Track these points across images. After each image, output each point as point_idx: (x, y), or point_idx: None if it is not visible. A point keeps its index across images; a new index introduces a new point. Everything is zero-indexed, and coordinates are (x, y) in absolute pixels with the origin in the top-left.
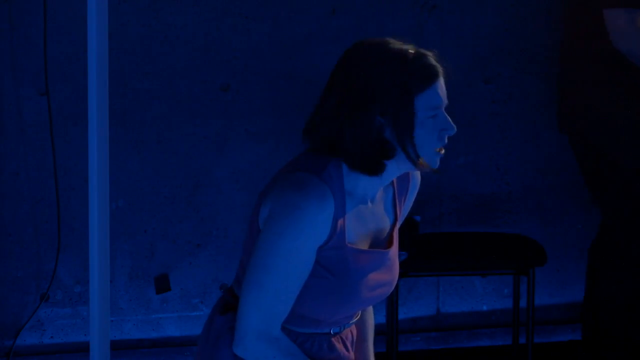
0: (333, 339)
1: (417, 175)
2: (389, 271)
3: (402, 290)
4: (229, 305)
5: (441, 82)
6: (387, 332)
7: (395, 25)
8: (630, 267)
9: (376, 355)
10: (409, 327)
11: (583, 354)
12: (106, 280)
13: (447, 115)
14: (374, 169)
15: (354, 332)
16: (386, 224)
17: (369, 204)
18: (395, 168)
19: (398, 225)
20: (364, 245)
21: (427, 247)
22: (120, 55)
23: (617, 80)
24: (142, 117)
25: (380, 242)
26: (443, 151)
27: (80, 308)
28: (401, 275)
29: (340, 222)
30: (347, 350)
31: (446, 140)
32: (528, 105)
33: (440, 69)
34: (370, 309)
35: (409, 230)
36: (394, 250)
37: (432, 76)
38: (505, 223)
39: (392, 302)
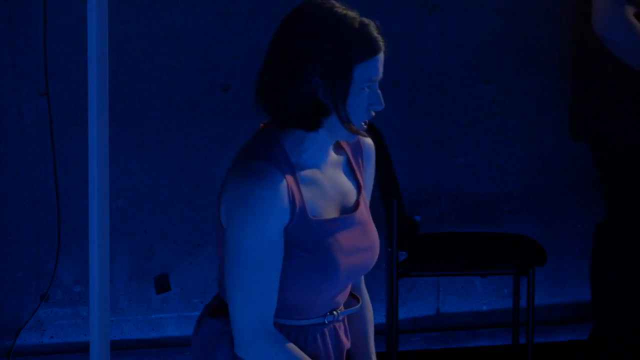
0: (326, 330)
1: (369, 142)
2: (363, 236)
3: (402, 290)
4: (217, 310)
5: (381, 56)
6: (387, 332)
7: (395, 25)
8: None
9: (376, 355)
10: (409, 327)
11: (588, 353)
12: (106, 280)
13: (379, 90)
14: (310, 124)
15: (346, 322)
16: (349, 189)
17: (323, 171)
18: (330, 131)
19: (365, 192)
20: (331, 215)
21: (427, 247)
22: (120, 55)
23: (632, 77)
24: (142, 117)
25: (348, 209)
26: (367, 124)
27: (80, 308)
28: (401, 275)
29: (297, 198)
30: (340, 340)
31: (373, 114)
32: (528, 105)
33: (382, 42)
34: (368, 303)
35: (409, 230)
36: (363, 214)
37: (375, 48)
38: (505, 223)
39: (392, 302)
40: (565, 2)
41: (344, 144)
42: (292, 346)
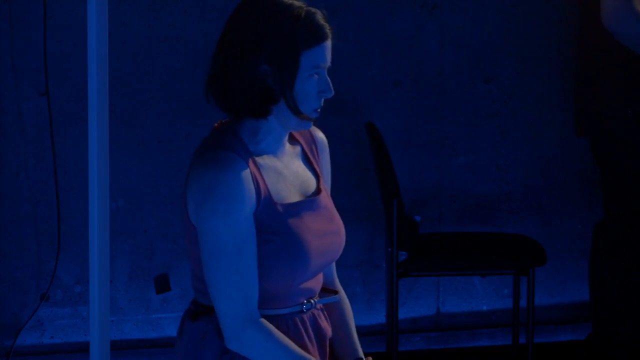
0: (305, 317)
1: (321, 135)
2: (329, 220)
3: (402, 290)
4: (196, 313)
5: (328, 43)
6: (387, 332)
7: (395, 25)
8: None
9: (376, 355)
10: (409, 327)
11: (587, 353)
12: (106, 280)
13: (328, 78)
14: (259, 111)
15: (325, 312)
16: (308, 177)
17: (281, 159)
18: (280, 119)
19: (323, 180)
20: (295, 199)
21: (427, 247)
22: (120, 55)
23: (635, 76)
24: (142, 117)
25: (311, 195)
26: (318, 111)
27: (80, 308)
28: (401, 275)
29: (261, 184)
30: (320, 326)
31: (322, 102)
32: (528, 105)
33: (329, 30)
34: (345, 297)
35: (409, 230)
36: (326, 199)
37: (322, 36)
38: (505, 223)
39: (392, 302)
40: (566, 2)
41: (298, 136)
42: (279, 333)
